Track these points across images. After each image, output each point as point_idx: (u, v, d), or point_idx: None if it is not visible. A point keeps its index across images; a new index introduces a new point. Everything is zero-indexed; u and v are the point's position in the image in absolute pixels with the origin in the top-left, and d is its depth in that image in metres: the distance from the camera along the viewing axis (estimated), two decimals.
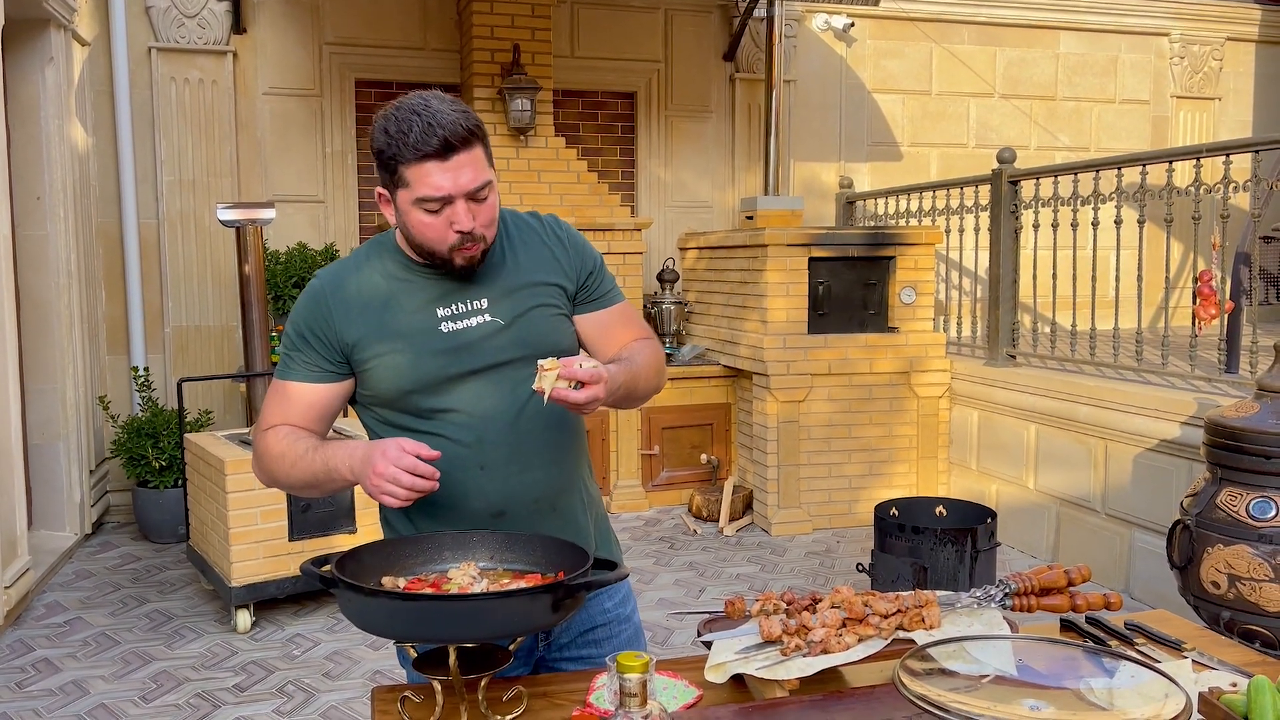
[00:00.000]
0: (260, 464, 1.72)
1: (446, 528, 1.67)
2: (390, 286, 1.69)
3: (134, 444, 5.46)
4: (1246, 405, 3.25)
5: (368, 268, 1.72)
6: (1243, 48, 8.62)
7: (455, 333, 1.67)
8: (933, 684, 1.28)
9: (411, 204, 1.59)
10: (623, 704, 1.18)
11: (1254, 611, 3.06)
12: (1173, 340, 4.77)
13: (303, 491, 1.70)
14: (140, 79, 6.06)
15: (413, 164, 1.56)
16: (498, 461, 1.68)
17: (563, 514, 1.76)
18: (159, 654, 4.00)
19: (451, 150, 1.55)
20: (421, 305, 1.68)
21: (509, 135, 6.33)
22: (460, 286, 1.69)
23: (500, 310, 1.69)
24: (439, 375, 1.66)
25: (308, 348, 1.69)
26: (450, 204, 1.58)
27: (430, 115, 1.55)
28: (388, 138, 1.57)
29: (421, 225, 1.60)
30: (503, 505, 1.69)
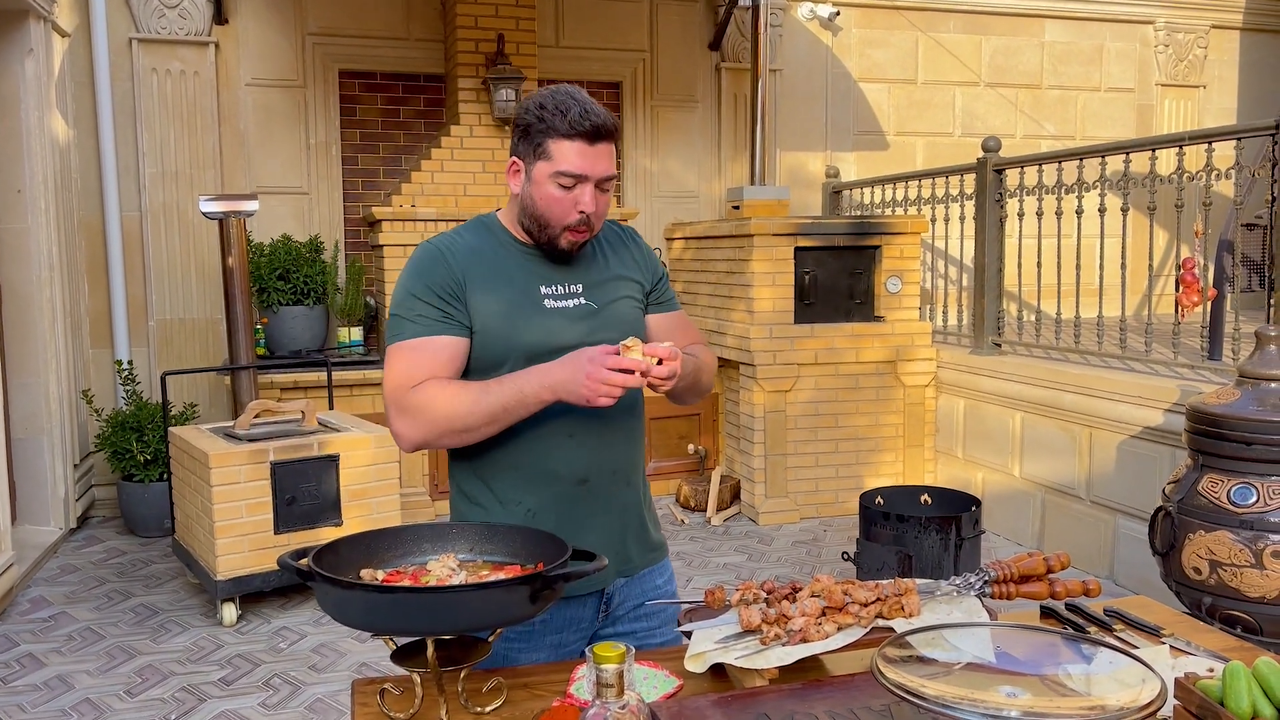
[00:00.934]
0: (428, 413, 1.71)
1: (535, 493, 1.78)
2: (500, 258, 1.81)
3: (118, 438, 5.44)
4: (1228, 392, 3.27)
5: (477, 240, 1.83)
6: (1227, 35, 8.64)
7: (556, 310, 1.80)
8: (911, 672, 1.28)
9: (549, 176, 1.73)
10: (600, 694, 1.18)
11: (1235, 597, 3.08)
12: (1156, 327, 4.80)
13: (478, 431, 1.72)
14: (121, 70, 6.01)
15: (562, 139, 1.71)
16: (584, 431, 1.80)
17: (634, 489, 1.90)
18: (144, 648, 3.98)
19: (599, 137, 1.73)
20: (527, 280, 1.80)
21: (494, 126, 6.30)
22: (560, 270, 1.83)
23: (593, 296, 1.84)
24: (540, 346, 1.76)
25: (439, 301, 1.76)
26: (583, 184, 1.73)
27: (586, 102, 1.74)
28: (542, 111, 1.73)
29: (550, 198, 1.74)
30: (586, 473, 1.81)
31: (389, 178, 6.68)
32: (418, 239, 5.90)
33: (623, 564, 1.88)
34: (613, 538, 1.86)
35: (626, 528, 1.89)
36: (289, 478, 4.22)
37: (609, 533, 1.85)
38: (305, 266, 6.11)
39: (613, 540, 1.85)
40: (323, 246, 6.38)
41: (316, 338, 6.18)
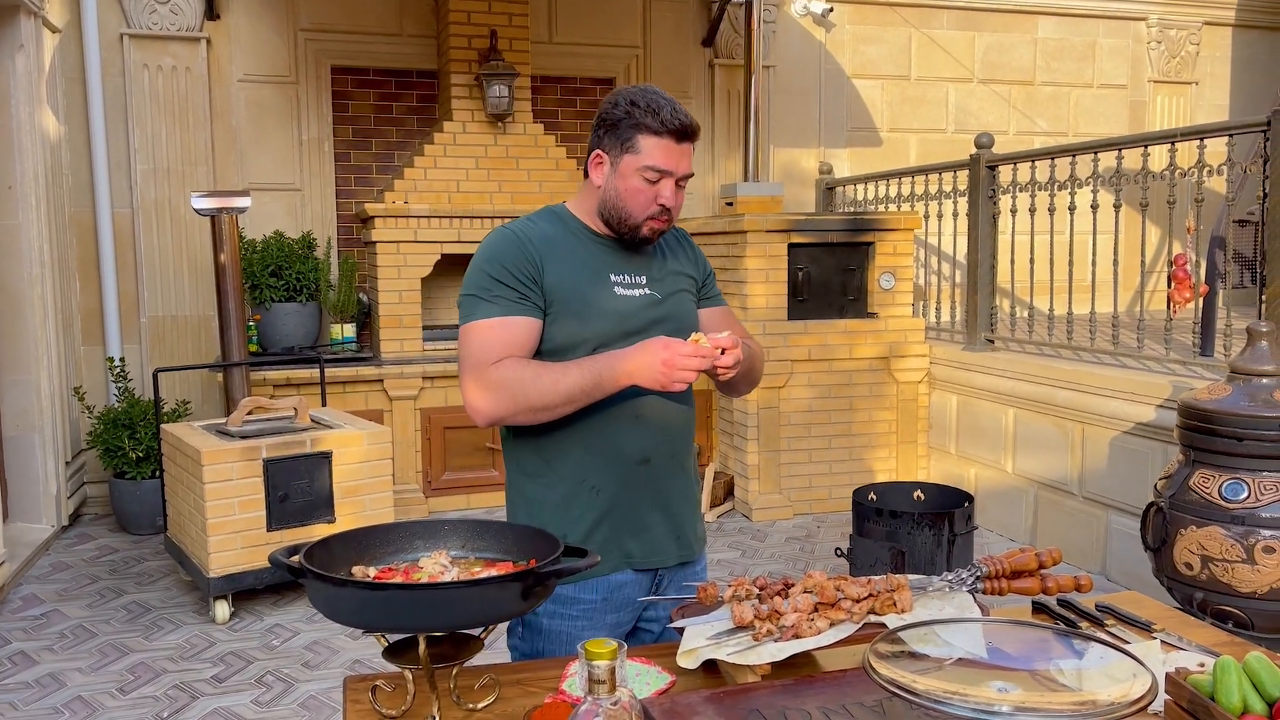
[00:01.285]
0: (507, 388, 1.77)
1: (599, 471, 1.85)
2: (573, 246, 1.89)
3: (110, 435, 5.42)
4: (1219, 388, 3.28)
5: (551, 228, 1.91)
6: (1220, 31, 8.66)
7: (625, 297, 1.88)
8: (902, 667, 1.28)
9: (635, 170, 1.82)
10: (591, 691, 1.18)
11: (1226, 592, 3.09)
12: (1149, 324, 4.80)
13: (555, 410, 1.78)
14: (112, 66, 5.99)
15: (653, 135, 1.81)
16: (650, 413, 1.88)
17: (688, 474, 2.00)
18: (137, 645, 3.97)
19: (685, 137, 1.83)
20: (598, 268, 1.88)
21: (487, 122, 6.29)
22: (628, 261, 1.92)
23: (657, 288, 1.93)
24: (610, 331, 1.84)
25: (516, 283, 1.82)
26: (666, 179, 1.83)
27: (674, 103, 1.84)
28: (633, 108, 1.81)
29: (633, 190, 1.83)
30: (650, 453, 1.89)
31: (382, 174, 6.67)
32: (410, 235, 5.90)
33: (681, 548, 1.95)
34: (672, 520, 1.94)
35: (683, 512, 1.97)
36: (281, 475, 4.21)
37: (668, 514, 1.94)
38: (298, 263, 6.10)
39: (672, 522, 1.94)
40: (315, 243, 6.36)
41: (309, 334, 6.17)
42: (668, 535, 1.94)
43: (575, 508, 1.87)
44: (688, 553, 1.97)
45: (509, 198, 6.26)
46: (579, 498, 1.87)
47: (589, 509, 1.87)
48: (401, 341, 5.94)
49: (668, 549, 1.93)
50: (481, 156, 6.29)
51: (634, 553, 1.90)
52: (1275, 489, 3.05)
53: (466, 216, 6.01)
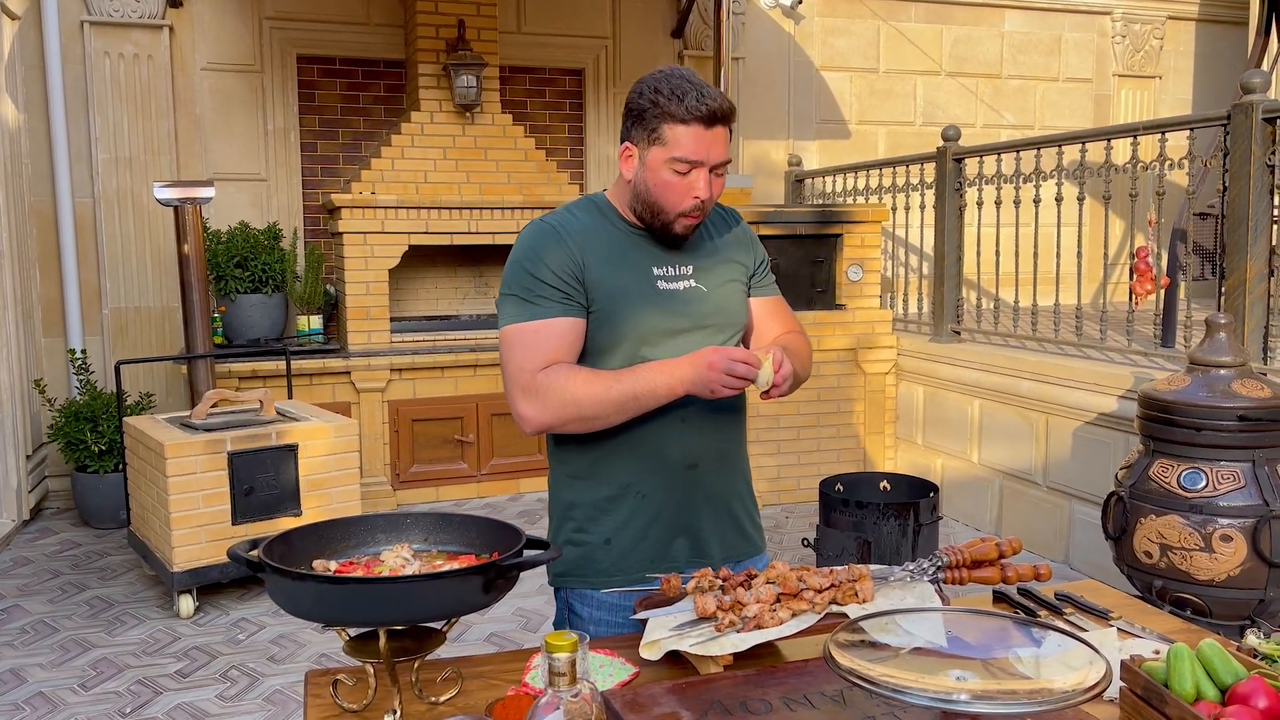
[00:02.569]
0: (556, 396, 1.72)
1: (646, 475, 1.81)
2: (613, 239, 1.81)
3: (72, 428, 5.35)
4: (1178, 379, 3.32)
5: (590, 220, 1.82)
6: (1183, 26, 8.76)
7: (668, 292, 1.80)
8: (862, 657, 1.29)
9: (664, 162, 1.72)
10: (552, 683, 1.18)
11: (1185, 580, 3.14)
12: (1112, 315, 4.87)
13: (604, 419, 1.74)
14: (73, 54, 5.89)
15: (678, 125, 1.69)
16: (696, 416, 1.82)
17: (739, 475, 1.93)
18: (99, 641, 3.93)
19: (714, 121, 1.70)
20: (641, 261, 1.81)
21: (455, 112, 6.25)
22: (671, 252, 1.83)
23: (703, 279, 1.85)
24: (653, 327, 1.78)
25: (559, 282, 1.75)
26: (698, 170, 1.72)
27: (701, 86, 1.71)
28: (657, 96, 1.70)
29: (664, 184, 1.73)
30: (697, 457, 1.83)
31: (349, 164, 6.61)
32: (378, 226, 5.86)
33: (730, 551, 1.90)
34: (721, 523, 1.89)
35: (733, 514, 1.92)
36: (247, 468, 4.17)
37: (717, 518, 1.89)
38: (264, 254, 6.04)
39: (722, 526, 1.89)
40: (281, 234, 6.30)
41: (275, 326, 6.11)
42: (715, 537, 1.89)
43: (620, 512, 1.82)
44: (734, 554, 1.90)
45: (477, 189, 6.22)
46: (625, 501, 1.82)
47: (636, 514, 1.82)
48: (369, 333, 5.90)
49: (714, 553, 1.87)
50: (449, 147, 6.25)
51: (681, 557, 1.84)
52: (1232, 478, 3.10)
53: (434, 207, 5.97)
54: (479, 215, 6.06)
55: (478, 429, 5.98)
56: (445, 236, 6.02)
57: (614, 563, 1.83)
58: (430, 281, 6.58)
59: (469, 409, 5.97)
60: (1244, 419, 3.11)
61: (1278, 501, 3.05)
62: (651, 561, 1.82)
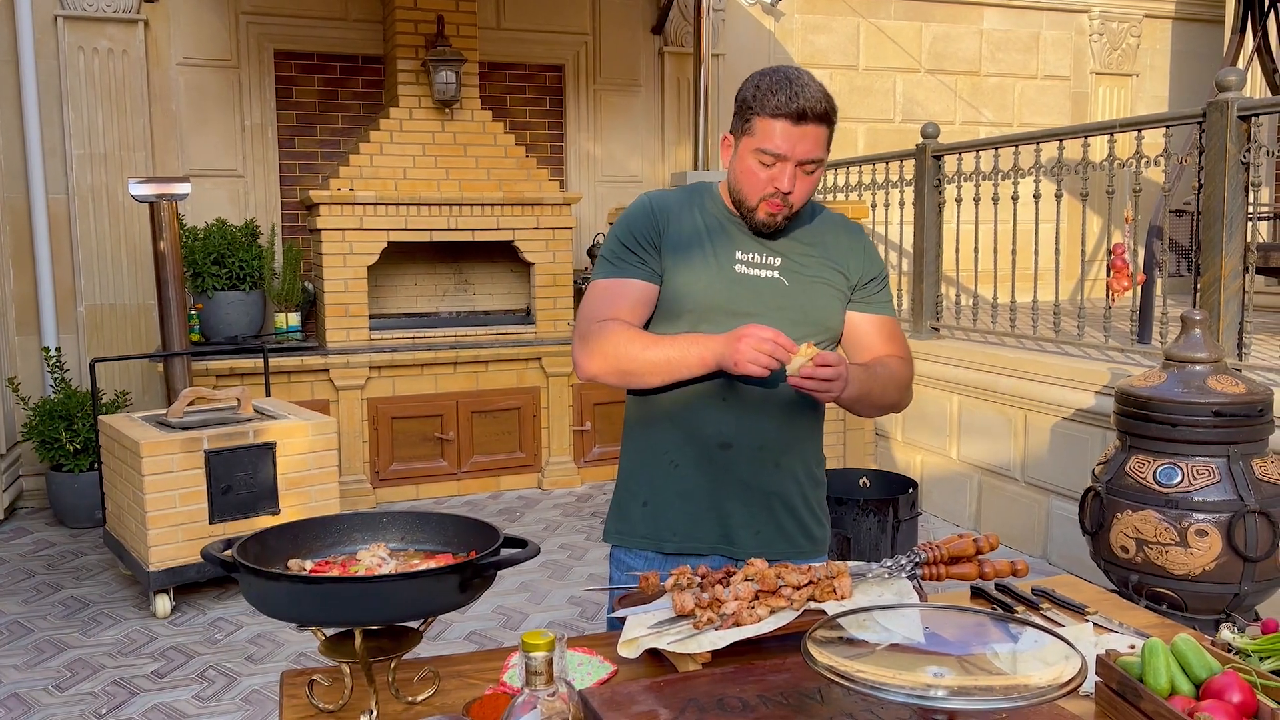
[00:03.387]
0: (602, 346, 1.80)
1: (680, 446, 1.87)
2: (705, 220, 1.90)
3: (46, 427, 5.29)
4: (1154, 375, 3.34)
5: (689, 201, 1.92)
6: (1160, 24, 8.82)
7: (745, 276, 1.86)
8: (840, 653, 1.29)
9: (750, 151, 1.79)
10: (529, 682, 1.17)
11: (1160, 574, 3.16)
12: (1089, 312, 4.90)
13: (641, 377, 1.81)
14: (46, 48, 5.82)
15: (768, 118, 1.75)
16: (738, 398, 1.84)
17: (784, 471, 1.91)
18: (74, 641, 3.89)
19: (804, 119, 1.74)
20: (725, 244, 1.87)
21: (434, 108, 6.22)
22: (761, 241, 1.88)
23: (788, 274, 1.88)
24: (719, 305, 1.83)
25: (640, 249, 1.86)
26: (782, 164, 1.77)
27: (801, 85, 1.75)
28: (756, 90, 1.78)
29: (748, 172, 1.80)
30: (731, 438, 1.85)
31: (327, 161, 6.57)
32: (356, 223, 5.83)
33: (762, 547, 1.87)
34: (753, 516, 1.89)
35: (771, 511, 1.90)
36: (224, 466, 4.14)
37: (749, 509, 1.89)
38: (241, 251, 5.99)
39: (753, 518, 1.89)
40: (259, 230, 6.25)
41: (253, 323, 6.07)
42: (747, 528, 1.87)
43: (656, 477, 1.90)
44: (769, 552, 1.81)
45: (456, 185, 6.20)
46: (658, 468, 1.89)
47: (670, 483, 1.89)
48: (348, 331, 5.86)
49: (745, 543, 1.86)
50: (429, 143, 6.22)
51: (709, 537, 1.88)
52: (1208, 473, 3.12)
53: (413, 204, 5.94)
54: (459, 212, 6.03)
55: (458, 426, 5.96)
56: (425, 233, 5.99)
57: (648, 526, 1.92)
58: (410, 278, 6.55)
59: (449, 406, 5.94)
60: (1219, 415, 3.14)
61: (1252, 496, 3.08)
62: (678, 535, 1.88)
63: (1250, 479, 3.11)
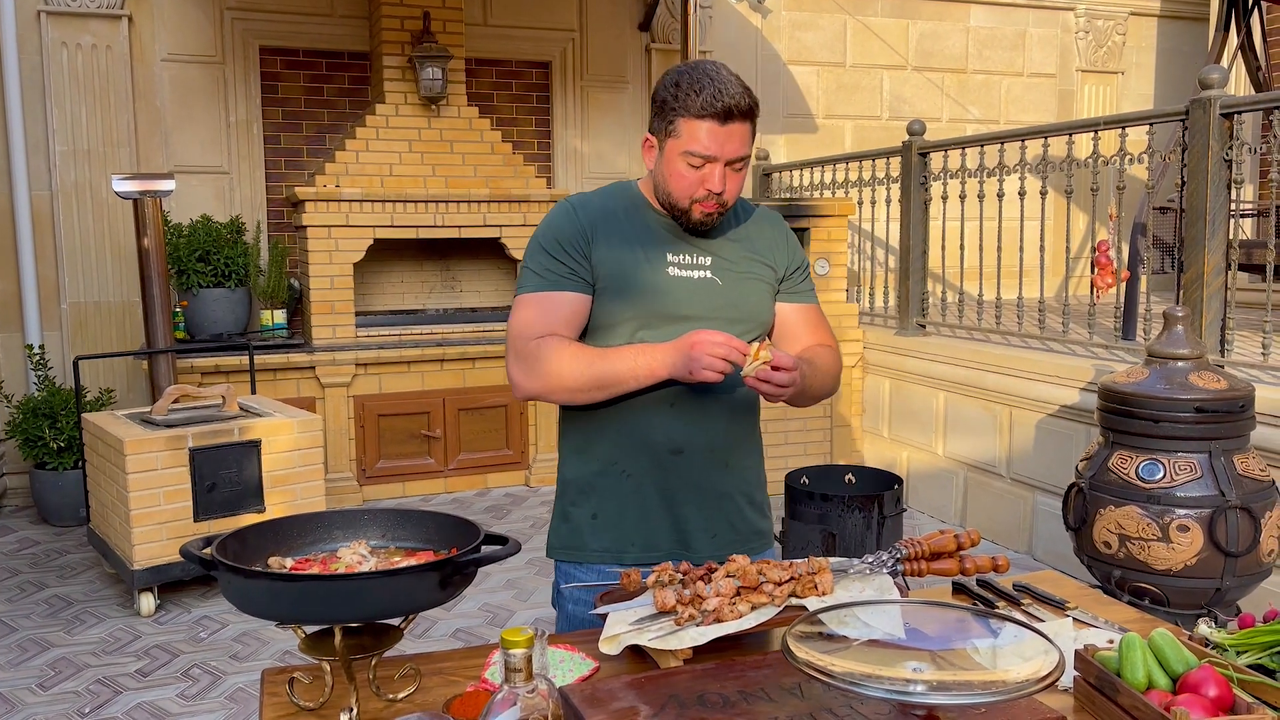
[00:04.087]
0: (543, 365, 1.76)
1: (631, 456, 1.83)
2: (632, 223, 1.84)
3: (30, 425, 5.27)
4: (1137, 371, 3.36)
5: (613, 204, 1.86)
6: (1145, 22, 8.86)
7: (679, 279, 1.82)
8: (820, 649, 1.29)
9: (678, 155, 1.74)
10: (508, 679, 1.17)
11: (1143, 570, 3.18)
12: (1074, 309, 4.92)
13: (586, 394, 1.77)
14: (29, 44, 5.79)
15: (693, 119, 1.71)
16: (686, 402, 1.81)
17: (735, 472, 1.90)
18: (58, 640, 3.87)
19: (730, 118, 1.71)
20: (655, 247, 1.83)
21: (420, 105, 6.21)
22: (691, 241, 1.85)
23: (720, 272, 1.85)
24: (655, 312, 1.80)
25: (567, 258, 1.80)
26: (712, 164, 1.73)
27: (722, 81, 1.71)
28: (677, 90, 1.73)
29: (678, 175, 1.76)
30: (682, 444, 1.83)
31: (313, 157, 6.54)
32: (342, 220, 5.81)
33: (718, 549, 1.86)
34: (709, 519, 1.88)
35: (724, 512, 1.89)
36: (209, 464, 4.12)
37: (704, 512, 1.87)
38: (226, 248, 5.97)
39: (709, 521, 1.88)
40: (244, 227, 6.23)
41: (239, 321, 6.05)
42: (702, 532, 1.87)
43: (606, 489, 1.85)
44: (721, 553, 1.84)
45: (443, 182, 6.18)
46: (610, 479, 1.85)
47: (620, 493, 1.85)
48: (334, 328, 5.85)
49: (702, 547, 1.86)
50: (415, 140, 6.21)
51: (664, 544, 1.84)
52: (1189, 469, 3.14)
53: (400, 201, 5.93)
54: (445, 209, 6.02)
55: (444, 424, 5.95)
56: (411, 230, 5.97)
57: (600, 539, 1.87)
58: (396, 275, 6.53)
59: (435, 404, 5.93)
60: (1201, 410, 3.15)
61: (1233, 492, 3.10)
62: (636, 545, 1.85)
63: (1231, 474, 3.13)
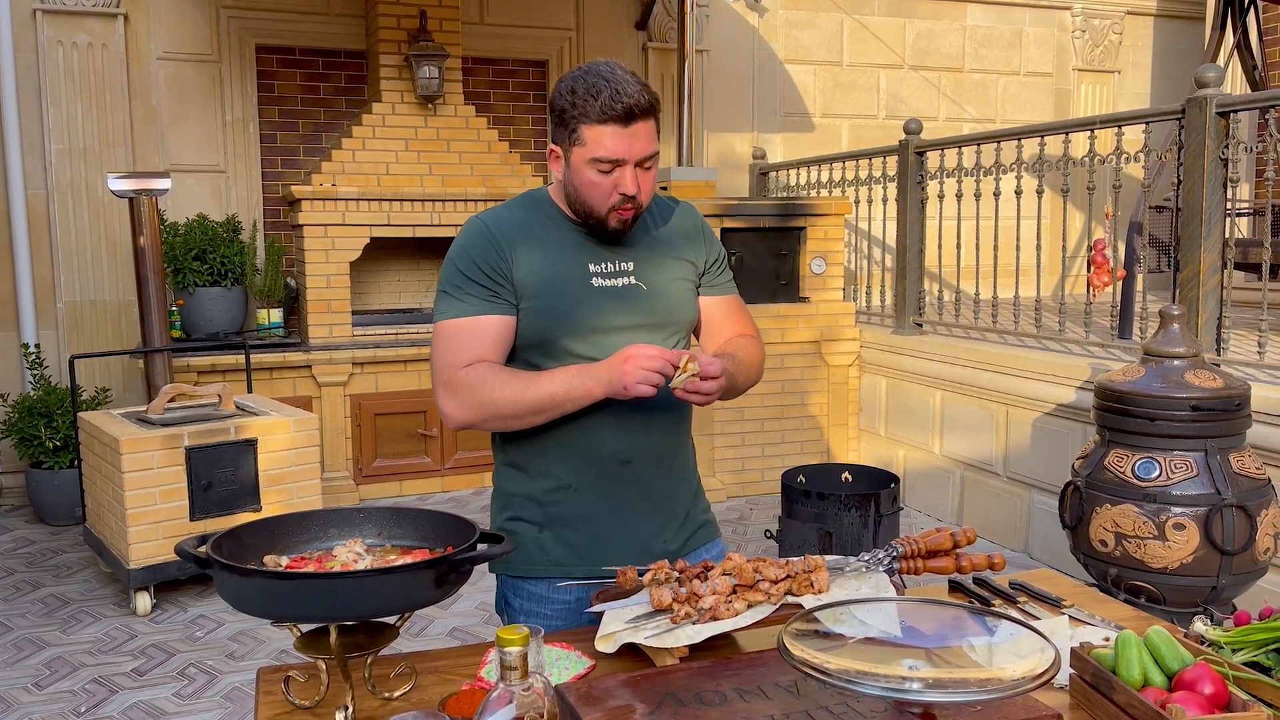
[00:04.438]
0: (475, 395, 1.71)
1: (577, 470, 1.79)
2: (548, 236, 1.79)
3: (26, 424, 5.26)
4: (1133, 370, 3.36)
5: (525, 216, 1.80)
6: (1141, 21, 8.86)
7: (605, 289, 1.77)
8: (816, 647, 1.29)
9: (585, 162, 1.69)
10: (504, 677, 1.17)
11: (1139, 568, 3.18)
12: (1070, 307, 4.92)
13: (522, 419, 1.73)
14: (25, 43, 5.78)
15: (595, 125, 1.66)
16: (629, 412, 1.77)
17: (678, 475, 1.90)
18: (54, 639, 3.87)
19: (632, 118, 1.66)
20: (575, 258, 1.77)
21: (417, 103, 6.20)
22: (610, 248, 1.79)
23: (644, 276, 1.80)
24: (587, 325, 1.75)
25: (486, 280, 1.74)
26: (621, 167, 1.69)
27: (618, 82, 1.66)
28: (574, 97, 1.67)
29: (589, 184, 1.70)
30: (629, 454, 1.80)
31: (309, 156, 6.54)
32: (338, 219, 5.80)
33: (665, 551, 1.85)
34: (660, 524, 1.86)
35: (671, 516, 1.88)
36: (205, 463, 4.12)
37: (655, 518, 1.85)
38: (222, 247, 5.96)
39: (660, 527, 1.86)
40: (241, 226, 6.22)
41: (235, 320, 6.04)
42: (655, 539, 1.85)
43: (554, 505, 1.81)
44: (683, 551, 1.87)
45: (440, 180, 6.18)
46: (559, 495, 1.80)
47: (570, 509, 1.80)
48: (330, 327, 5.84)
49: (656, 553, 1.83)
50: (411, 138, 6.20)
51: (617, 556, 1.80)
52: (1185, 467, 3.14)
53: (396, 199, 5.92)
54: (442, 207, 6.02)
55: (441, 423, 5.95)
56: (408, 229, 5.97)
57: (549, 553, 1.82)
58: (393, 274, 6.53)
59: (432, 403, 5.91)
60: (1196, 409, 3.16)
61: (1229, 490, 3.10)
62: (586, 558, 1.81)
63: (1227, 473, 3.13)
